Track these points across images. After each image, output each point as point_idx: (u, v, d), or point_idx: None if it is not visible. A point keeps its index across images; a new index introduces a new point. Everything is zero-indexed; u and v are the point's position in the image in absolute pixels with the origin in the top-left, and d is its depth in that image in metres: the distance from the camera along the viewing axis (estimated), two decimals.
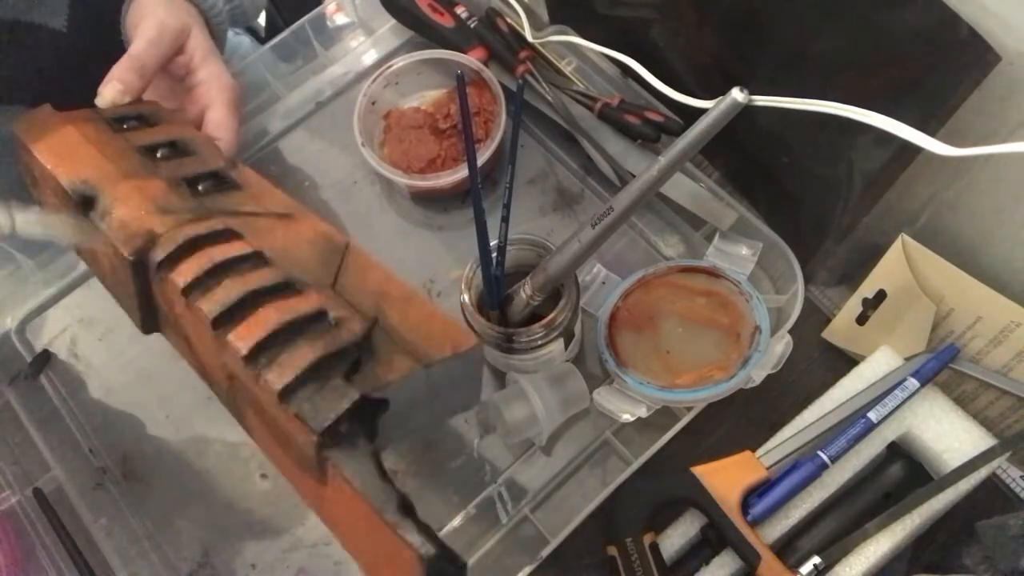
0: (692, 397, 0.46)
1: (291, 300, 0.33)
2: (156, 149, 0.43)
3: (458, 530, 0.49)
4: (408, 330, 0.34)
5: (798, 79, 0.45)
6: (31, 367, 0.55)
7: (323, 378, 0.31)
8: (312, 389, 0.31)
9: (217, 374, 0.35)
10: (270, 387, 0.30)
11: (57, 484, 0.51)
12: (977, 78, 0.36)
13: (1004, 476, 0.46)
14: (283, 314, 0.32)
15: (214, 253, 0.35)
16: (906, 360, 0.47)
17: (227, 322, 0.33)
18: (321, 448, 0.29)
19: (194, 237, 0.36)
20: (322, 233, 0.39)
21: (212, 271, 0.34)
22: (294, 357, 0.31)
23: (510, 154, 0.45)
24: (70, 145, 0.42)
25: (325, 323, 0.33)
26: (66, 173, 0.40)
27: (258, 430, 0.35)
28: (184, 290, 0.34)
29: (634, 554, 0.43)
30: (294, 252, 0.37)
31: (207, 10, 0.53)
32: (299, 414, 0.30)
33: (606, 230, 0.40)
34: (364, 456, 0.30)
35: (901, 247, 0.46)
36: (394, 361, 0.32)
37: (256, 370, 0.31)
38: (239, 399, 0.34)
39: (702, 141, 0.37)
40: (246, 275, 0.34)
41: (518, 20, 0.58)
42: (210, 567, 0.49)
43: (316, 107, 0.63)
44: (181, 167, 0.42)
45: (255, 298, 0.33)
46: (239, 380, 0.33)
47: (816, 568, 0.41)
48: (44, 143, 0.42)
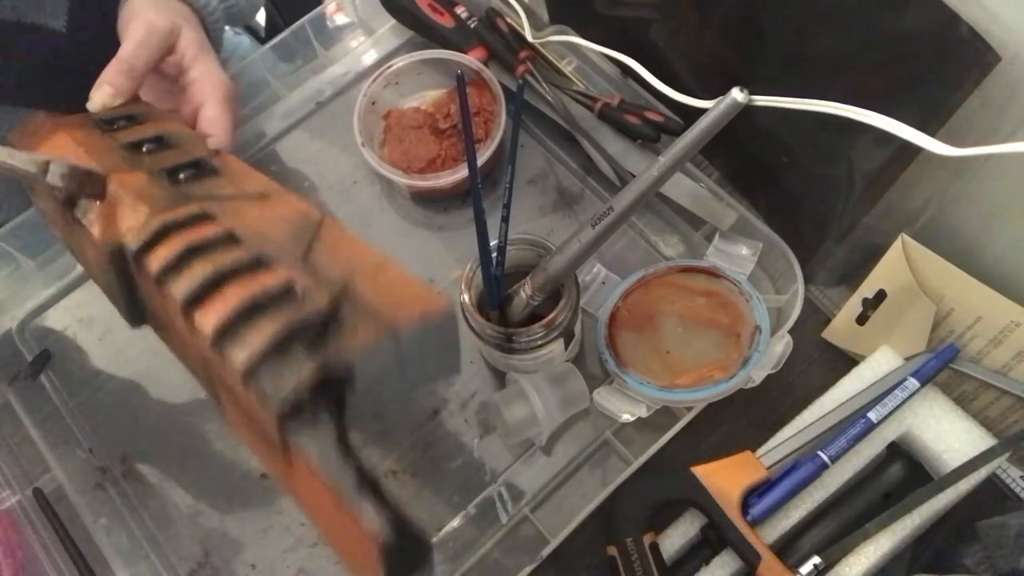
0: (692, 397, 0.46)
1: (258, 276, 0.33)
2: (142, 144, 0.43)
3: (458, 530, 0.49)
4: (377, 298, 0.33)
5: (798, 79, 0.45)
6: (31, 367, 0.55)
7: (285, 353, 0.30)
8: (275, 364, 0.30)
9: (193, 360, 0.35)
10: (234, 366, 0.30)
11: (57, 484, 0.51)
12: (977, 78, 0.36)
13: (1004, 476, 0.46)
14: (246, 290, 0.32)
15: (187, 237, 0.35)
16: (906, 360, 0.47)
17: (194, 303, 0.32)
18: (282, 425, 0.28)
19: (168, 223, 0.35)
20: (297, 211, 0.39)
21: (183, 255, 0.34)
22: (256, 333, 0.30)
23: (510, 154, 0.45)
24: (59, 149, 0.42)
25: (290, 297, 0.32)
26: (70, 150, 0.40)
27: (233, 414, 0.34)
28: (156, 276, 0.33)
29: (634, 554, 0.43)
30: (267, 231, 0.37)
31: (200, 9, 0.53)
32: (260, 391, 0.29)
33: (606, 230, 0.40)
34: (326, 432, 0.29)
35: (901, 247, 0.46)
36: (360, 328, 0.31)
37: (222, 350, 0.30)
38: (215, 384, 0.34)
39: (702, 141, 0.37)
40: (214, 256, 0.34)
41: (518, 20, 0.58)
42: (210, 567, 0.49)
43: (316, 107, 0.63)
44: (164, 159, 0.42)
45: (222, 277, 0.33)
46: (211, 363, 0.32)
47: (816, 568, 0.41)
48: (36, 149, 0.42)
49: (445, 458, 0.50)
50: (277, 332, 0.30)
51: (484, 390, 0.52)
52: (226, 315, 0.31)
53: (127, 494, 0.51)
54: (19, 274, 0.58)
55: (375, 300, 0.33)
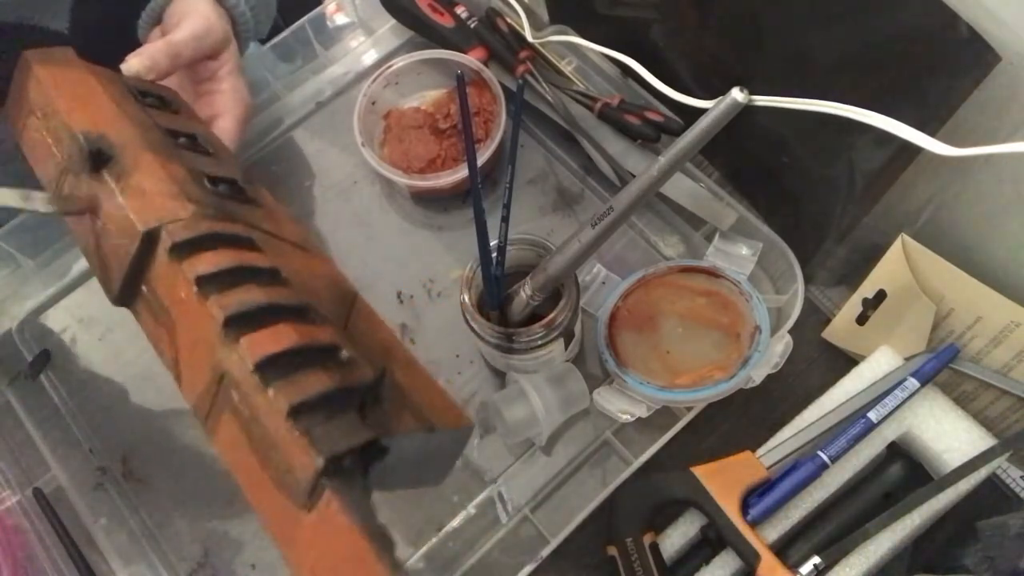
0: (692, 397, 0.46)
1: (308, 326, 0.33)
2: (177, 136, 0.42)
3: (458, 530, 0.49)
4: (413, 392, 0.34)
5: (798, 79, 0.45)
6: (31, 367, 0.55)
7: (335, 410, 0.30)
8: (323, 416, 0.30)
9: (200, 368, 0.33)
10: (280, 400, 0.29)
11: (57, 484, 0.51)
12: (977, 78, 0.36)
13: (1004, 476, 0.46)
14: (302, 336, 0.32)
15: (236, 256, 0.34)
16: (906, 360, 0.47)
17: (242, 325, 0.32)
18: (322, 474, 0.28)
19: (219, 233, 0.35)
20: (334, 276, 0.39)
21: (232, 271, 0.33)
22: (310, 380, 0.30)
23: (510, 154, 0.45)
24: (89, 94, 0.40)
25: (339, 359, 0.32)
26: (80, 119, 0.38)
27: (229, 435, 0.33)
28: (198, 280, 0.33)
29: (634, 554, 0.43)
30: (308, 283, 0.36)
31: (241, 25, 0.54)
32: (308, 435, 0.29)
33: (606, 230, 0.40)
34: (361, 493, 0.29)
35: (901, 247, 0.46)
36: (403, 416, 0.32)
37: (264, 380, 0.30)
38: (219, 400, 0.33)
39: (702, 141, 0.37)
40: (267, 287, 0.33)
41: (518, 20, 0.58)
42: (210, 567, 0.49)
43: (316, 107, 0.63)
44: (200, 163, 0.41)
45: (274, 311, 0.32)
46: (235, 383, 0.32)
47: (816, 568, 0.41)
48: (59, 79, 0.40)
49: None
50: (333, 386, 0.30)
51: (484, 390, 0.52)
52: (279, 350, 0.31)
53: (127, 494, 0.51)
54: (19, 274, 0.58)
55: (411, 393, 0.34)
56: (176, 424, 0.53)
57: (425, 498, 0.50)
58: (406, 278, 0.56)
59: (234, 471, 0.32)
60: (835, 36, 0.41)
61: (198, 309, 0.33)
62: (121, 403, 0.54)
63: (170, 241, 0.34)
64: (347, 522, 0.27)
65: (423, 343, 0.54)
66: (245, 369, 0.30)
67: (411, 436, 0.32)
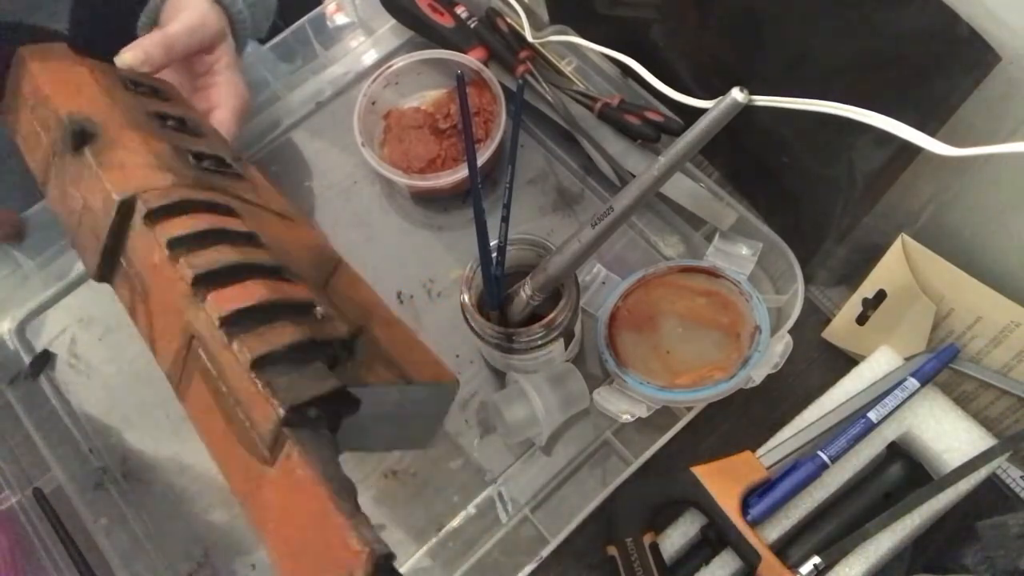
0: (692, 397, 0.46)
1: (281, 283, 0.32)
2: (166, 119, 0.43)
3: (458, 530, 0.49)
4: (392, 347, 0.33)
5: (798, 79, 0.45)
6: (31, 367, 0.55)
7: (303, 361, 0.30)
8: (289, 366, 0.29)
9: (171, 334, 0.33)
10: (244, 352, 0.29)
11: (57, 484, 0.51)
12: (977, 78, 0.36)
13: (1004, 476, 0.46)
14: (272, 292, 0.31)
15: (212, 220, 0.34)
16: (906, 360, 0.47)
17: (210, 283, 0.31)
18: (284, 424, 0.28)
19: (193, 199, 0.35)
20: (317, 243, 0.39)
21: (205, 234, 0.33)
22: (277, 332, 0.30)
23: (510, 154, 0.45)
24: (79, 82, 0.41)
25: (312, 315, 0.32)
26: (67, 104, 0.38)
27: (199, 398, 0.32)
28: (170, 242, 0.32)
29: (634, 554, 0.43)
30: (289, 249, 0.36)
31: (238, 23, 0.54)
32: (270, 385, 0.28)
33: (606, 230, 0.40)
34: (327, 445, 0.28)
35: (901, 247, 0.46)
36: (376, 368, 0.31)
37: (230, 335, 0.30)
38: (189, 363, 0.32)
39: (702, 141, 0.36)
40: (241, 248, 0.33)
41: (518, 20, 0.58)
42: (210, 567, 0.49)
43: (316, 107, 0.63)
44: (187, 142, 0.41)
45: (246, 270, 0.32)
46: (203, 342, 0.31)
47: (816, 568, 0.41)
48: (51, 70, 0.40)
49: (445, 458, 0.50)
50: (300, 338, 0.30)
51: (484, 390, 0.52)
52: (247, 305, 0.30)
53: (127, 494, 0.51)
54: (19, 274, 0.58)
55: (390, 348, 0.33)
56: (176, 424, 0.53)
57: (425, 498, 0.50)
58: (406, 278, 0.56)
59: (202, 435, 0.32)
60: (835, 36, 0.41)
61: (170, 272, 0.32)
62: (121, 403, 0.54)
63: (145, 208, 0.34)
64: (309, 474, 0.27)
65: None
66: (212, 326, 0.30)
67: (385, 387, 0.31)
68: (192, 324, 0.31)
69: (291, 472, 0.28)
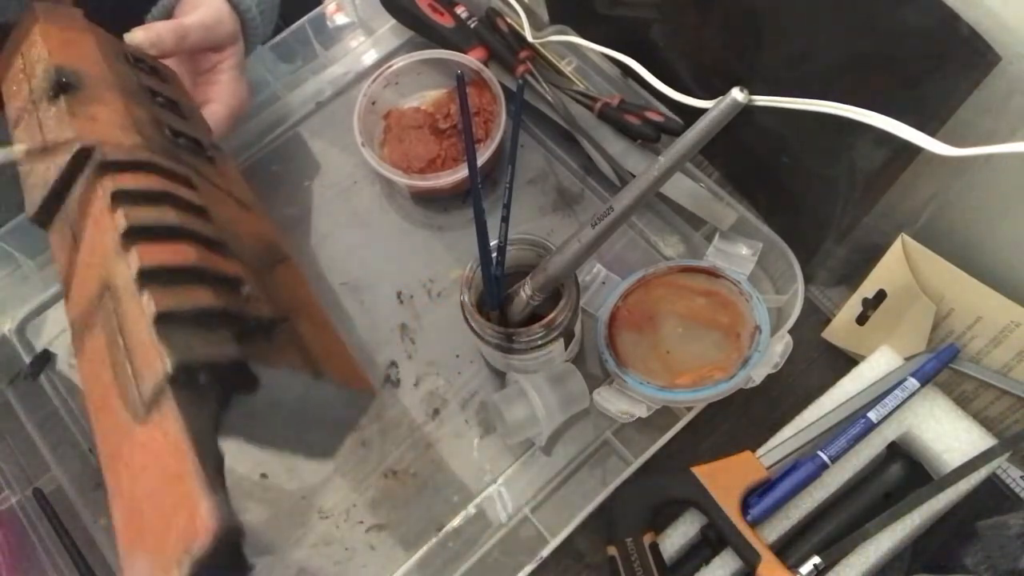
0: (692, 397, 0.46)
1: (213, 254, 0.32)
2: (156, 95, 0.43)
3: (458, 530, 0.49)
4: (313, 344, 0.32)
5: (798, 79, 0.45)
6: (31, 367, 0.55)
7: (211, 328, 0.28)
8: (194, 329, 0.28)
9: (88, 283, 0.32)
10: (150, 304, 0.28)
11: (57, 484, 0.51)
12: (977, 78, 0.36)
13: (1004, 476, 0.46)
14: (201, 259, 0.30)
15: (163, 183, 0.34)
16: (906, 360, 0.47)
17: (140, 237, 0.30)
18: (169, 381, 0.26)
19: (152, 162, 0.35)
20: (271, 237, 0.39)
21: (152, 194, 0.33)
22: (192, 294, 0.29)
23: (510, 154, 0.45)
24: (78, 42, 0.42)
25: (237, 292, 0.31)
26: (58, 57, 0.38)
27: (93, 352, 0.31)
28: (115, 194, 0.32)
29: (634, 554, 0.43)
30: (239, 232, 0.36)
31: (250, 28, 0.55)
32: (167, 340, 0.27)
33: (606, 230, 0.40)
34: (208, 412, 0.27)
35: (901, 247, 0.46)
36: (288, 354, 0.30)
37: (144, 287, 0.29)
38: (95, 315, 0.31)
39: (702, 141, 0.37)
40: (184, 215, 0.33)
41: (518, 20, 0.58)
42: None
43: (316, 107, 0.63)
44: (169, 118, 0.42)
45: (182, 234, 0.31)
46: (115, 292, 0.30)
47: (816, 568, 0.41)
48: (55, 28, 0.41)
49: (445, 458, 0.50)
50: (214, 305, 0.29)
51: (484, 390, 0.52)
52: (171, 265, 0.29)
53: None
54: (19, 274, 0.58)
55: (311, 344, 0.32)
56: None
57: (425, 498, 0.50)
58: (406, 278, 0.56)
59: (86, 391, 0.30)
60: (835, 36, 0.41)
61: (106, 222, 0.31)
62: None
63: (100, 158, 0.33)
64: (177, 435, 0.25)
65: (423, 343, 0.54)
66: (128, 276, 0.29)
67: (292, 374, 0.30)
68: (112, 274, 0.30)
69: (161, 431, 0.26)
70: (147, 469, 0.26)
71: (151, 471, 0.26)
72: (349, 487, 0.50)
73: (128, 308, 0.29)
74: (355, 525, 0.49)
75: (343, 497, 0.50)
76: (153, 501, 0.26)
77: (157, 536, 0.25)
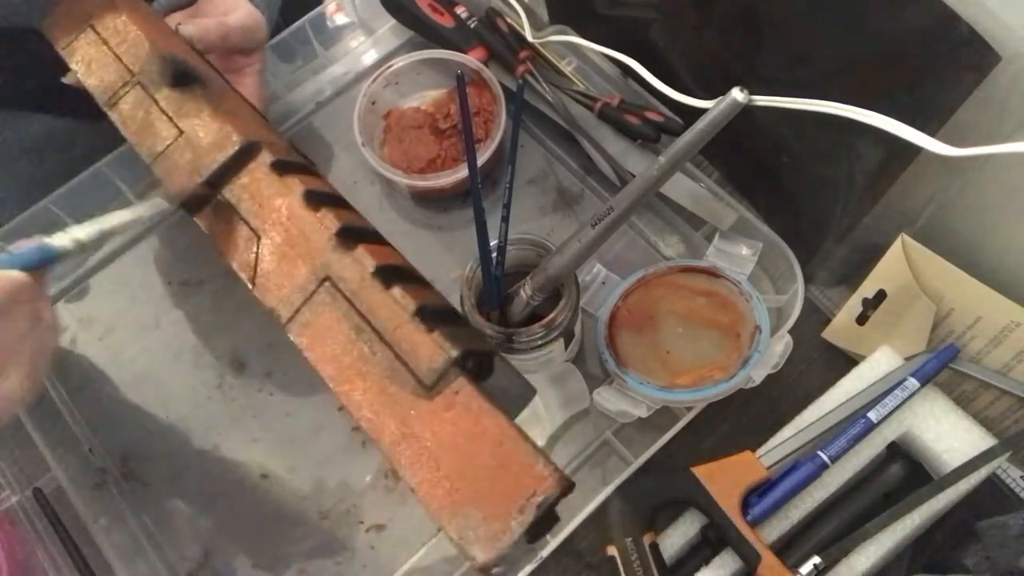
0: (692, 397, 0.46)
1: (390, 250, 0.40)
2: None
3: None
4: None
5: (798, 79, 0.45)
6: None
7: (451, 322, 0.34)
8: (442, 323, 0.33)
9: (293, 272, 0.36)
10: (407, 300, 0.33)
11: (57, 484, 0.51)
12: (977, 78, 0.36)
13: (1004, 476, 0.46)
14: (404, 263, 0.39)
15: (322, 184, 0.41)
16: (906, 360, 0.47)
17: (354, 237, 0.36)
18: (454, 364, 0.32)
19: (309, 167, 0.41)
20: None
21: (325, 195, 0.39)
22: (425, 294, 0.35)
23: (510, 154, 0.45)
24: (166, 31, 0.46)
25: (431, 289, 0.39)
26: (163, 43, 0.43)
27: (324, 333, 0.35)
28: (307, 194, 0.37)
29: (634, 554, 0.43)
30: None
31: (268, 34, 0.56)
32: (439, 330, 0.33)
33: (606, 230, 0.40)
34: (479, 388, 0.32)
35: (901, 247, 0.46)
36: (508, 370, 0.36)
37: (385, 283, 0.34)
38: (317, 300, 0.35)
39: (702, 141, 0.37)
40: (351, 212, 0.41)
41: (518, 20, 0.58)
42: (210, 567, 0.49)
43: (316, 107, 0.63)
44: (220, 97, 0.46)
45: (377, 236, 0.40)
46: (344, 284, 0.35)
47: (816, 568, 0.41)
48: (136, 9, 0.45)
49: None
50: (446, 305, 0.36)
51: None
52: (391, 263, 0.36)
53: (127, 494, 0.51)
54: None
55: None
56: (176, 424, 0.53)
57: None
58: None
59: (318, 365, 0.35)
60: (835, 36, 0.41)
61: (304, 218, 0.37)
62: (121, 403, 0.54)
63: (272, 157, 0.39)
64: (486, 406, 0.31)
65: None
66: (363, 271, 0.35)
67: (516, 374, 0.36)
68: (330, 266, 0.35)
69: (463, 404, 0.31)
70: (458, 436, 0.31)
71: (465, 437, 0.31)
72: (349, 487, 0.50)
73: (373, 300, 0.34)
74: (355, 525, 0.49)
75: (343, 497, 0.50)
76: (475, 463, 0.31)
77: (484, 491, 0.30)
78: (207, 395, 0.54)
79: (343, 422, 0.52)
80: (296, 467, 0.51)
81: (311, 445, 0.52)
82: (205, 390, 0.54)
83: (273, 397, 0.53)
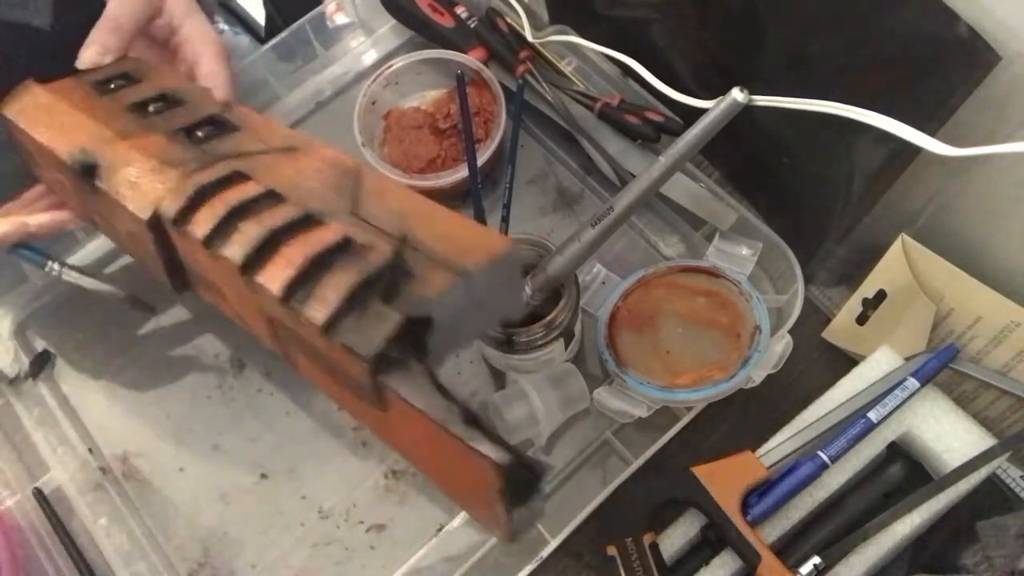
0: (692, 397, 0.46)
1: (313, 233, 0.33)
2: (147, 104, 0.43)
3: (458, 530, 0.48)
4: (439, 244, 0.33)
5: (798, 79, 0.45)
6: (31, 367, 0.55)
7: (362, 305, 0.30)
8: (354, 318, 0.30)
9: (256, 320, 0.35)
10: (312, 323, 0.30)
11: (57, 484, 0.51)
12: (977, 78, 0.36)
13: (1004, 476, 0.46)
14: (308, 248, 0.32)
15: (227, 198, 0.34)
16: (906, 360, 0.47)
17: (254, 265, 0.32)
18: (375, 374, 0.29)
19: (203, 186, 0.35)
20: (331, 160, 0.38)
21: (228, 217, 0.34)
22: (328, 289, 0.31)
23: (510, 154, 0.45)
24: (60, 116, 0.42)
25: (353, 251, 0.32)
26: (62, 145, 0.40)
27: (309, 368, 0.34)
28: (204, 241, 0.34)
29: (634, 554, 0.43)
30: (306, 184, 0.36)
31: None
32: (346, 345, 0.29)
33: (606, 230, 0.40)
34: (419, 375, 0.29)
35: (901, 247, 0.46)
36: (431, 277, 0.31)
37: (294, 309, 0.31)
38: (284, 340, 0.34)
39: (702, 141, 0.37)
40: (263, 215, 0.34)
41: (518, 20, 0.58)
42: (210, 567, 0.49)
43: (316, 107, 0.63)
44: (175, 117, 0.42)
45: (276, 237, 0.33)
46: (279, 322, 0.32)
47: (816, 568, 0.41)
48: (35, 119, 0.42)
49: None
50: (351, 285, 0.30)
51: (484, 390, 0.52)
52: (291, 274, 0.31)
53: (127, 494, 0.51)
54: (19, 274, 0.58)
55: (438, 246, 0.33)
56: (176, 424, 0.53)
57: (425, 498, 0.50)
58: None
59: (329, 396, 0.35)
60: (835, 36, 0.41)
61: (221, 267, 0.34)
62: (121, 403, 0.54)
63: (169, 217, 0.35)
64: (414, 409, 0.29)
65: None
66: (275, 305, 0.32)
67: (449, 292, 0.31)
68: (264, 308, 0.33)
69: (403, 413, 0.29)
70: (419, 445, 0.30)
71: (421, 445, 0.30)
72: (349, 487, 0.50)
73: (300, 331, 0.31)
74: (355, 525, 0.49)
75: (343, 497, 0.50)
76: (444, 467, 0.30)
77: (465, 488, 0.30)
78: (207, 395, 0.54)
79: (343, 422, 0.52)
80: (296, 467, 0.51)
81: (311, 445, 0.52)
82: (205, 390, 0.54)
83: (273, 397, 0.53)
